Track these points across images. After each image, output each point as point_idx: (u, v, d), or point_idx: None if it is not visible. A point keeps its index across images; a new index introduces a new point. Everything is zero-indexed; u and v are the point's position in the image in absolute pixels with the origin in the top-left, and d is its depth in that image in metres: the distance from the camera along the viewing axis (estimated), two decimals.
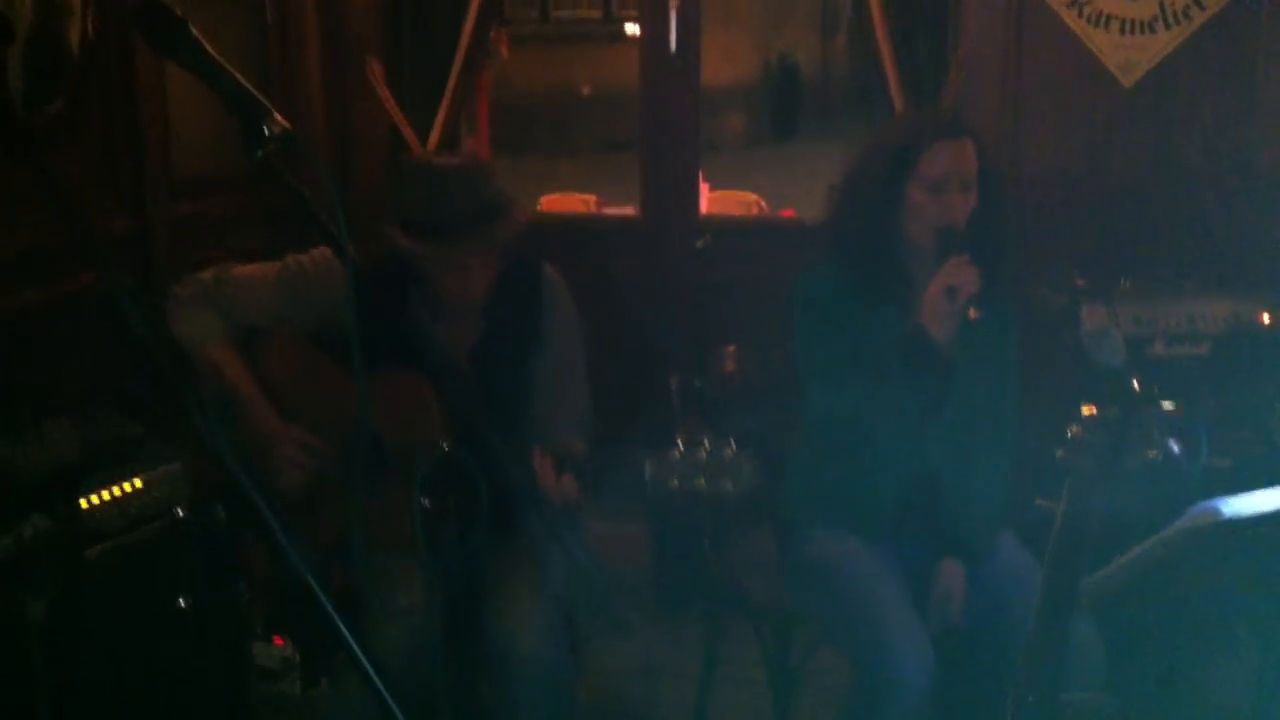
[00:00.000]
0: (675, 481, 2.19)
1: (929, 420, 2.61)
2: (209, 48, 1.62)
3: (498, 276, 2.73)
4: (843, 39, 19.23)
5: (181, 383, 1.39)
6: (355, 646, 1.34)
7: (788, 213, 6.69)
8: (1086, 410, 1.97)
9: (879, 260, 2.65)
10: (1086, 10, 4.04)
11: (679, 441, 2.19)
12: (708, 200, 5.41)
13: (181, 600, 1.51)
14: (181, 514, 1.44)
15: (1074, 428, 1.97)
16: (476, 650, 2.63)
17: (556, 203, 6.35)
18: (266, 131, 1.57)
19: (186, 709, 2.62)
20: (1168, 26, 4.00)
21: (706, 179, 5.04)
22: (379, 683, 1.35)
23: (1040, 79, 4.13)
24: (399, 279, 2.65)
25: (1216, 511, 2.04)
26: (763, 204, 6.41)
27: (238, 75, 1.61)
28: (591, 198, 6.32)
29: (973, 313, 2.48)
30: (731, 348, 3.31)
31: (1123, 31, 4.03)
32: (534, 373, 2.75)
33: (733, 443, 2.17)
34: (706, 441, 2.18)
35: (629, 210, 5.73)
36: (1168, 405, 1.97)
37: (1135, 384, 1.98)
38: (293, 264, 2.74)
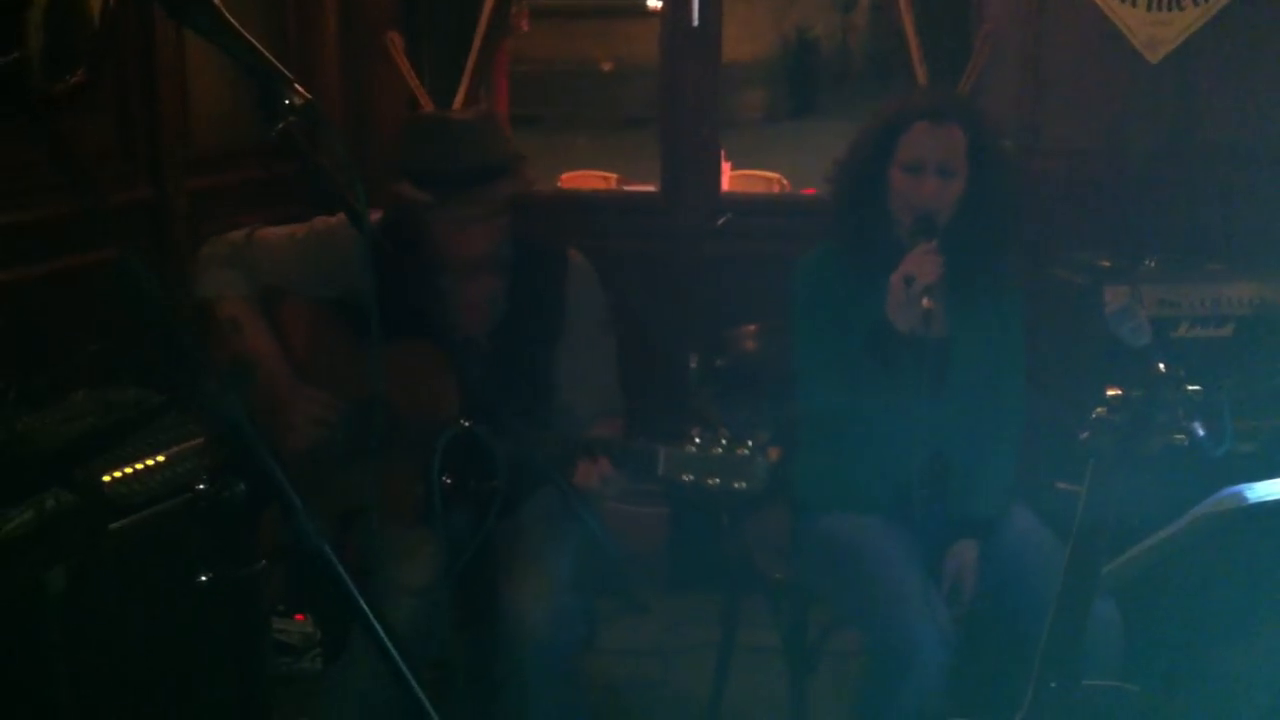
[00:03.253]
0: (688, 476, 2.19)
1: (927, 401, 2.60)
2: (228, 16, 1.60)
3: (520, 259, 2.72)
4: (862, 14, 19.12)
5: (195, 353, 1.38)
6: (373, 619, 1.33)
7: (810, 191, 6.65)
8: (1111, 392, 1.95)
9: (871, 242, 2.65)
10: None
11: (694, 436, 2.19)
12: (729, 179, 5.37)
13: (202, 575, 1.50)
14: (201, 488, 1.43)
15: (1098, 409, 1.95)
16: (489, 627, 2.63)
17: (576, 180, 6.32)
18: (287, 102, 1.56)
19: (204, 684, 2.63)
20: (1195, 3, 3.96)
21: (727, 156, 5.01)
22: (397, 656, 1.35)
23: (1064, 55, 4.09)
24: (408, 235, 2.65)
25: (1241, 496, 2.02)
26: (784, 183, 6.37)
27: (258, 45, 1.60)
28: (612, 175, 6.28)
29: (926, 302, 2.45)
30: (753, 327, 3.29)
31: (1150, 8, 3.98)
32: (558, 358, 2.74)
33: (749, 441, 2.16)
34: (723, 438, 2.17)
35: (649, 187, 5.70)
36: (1193, 388, 1.95)
37: (1161, 366, 1.96)
38: (320, 226, 2.75)
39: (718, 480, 2.17)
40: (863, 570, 2.59)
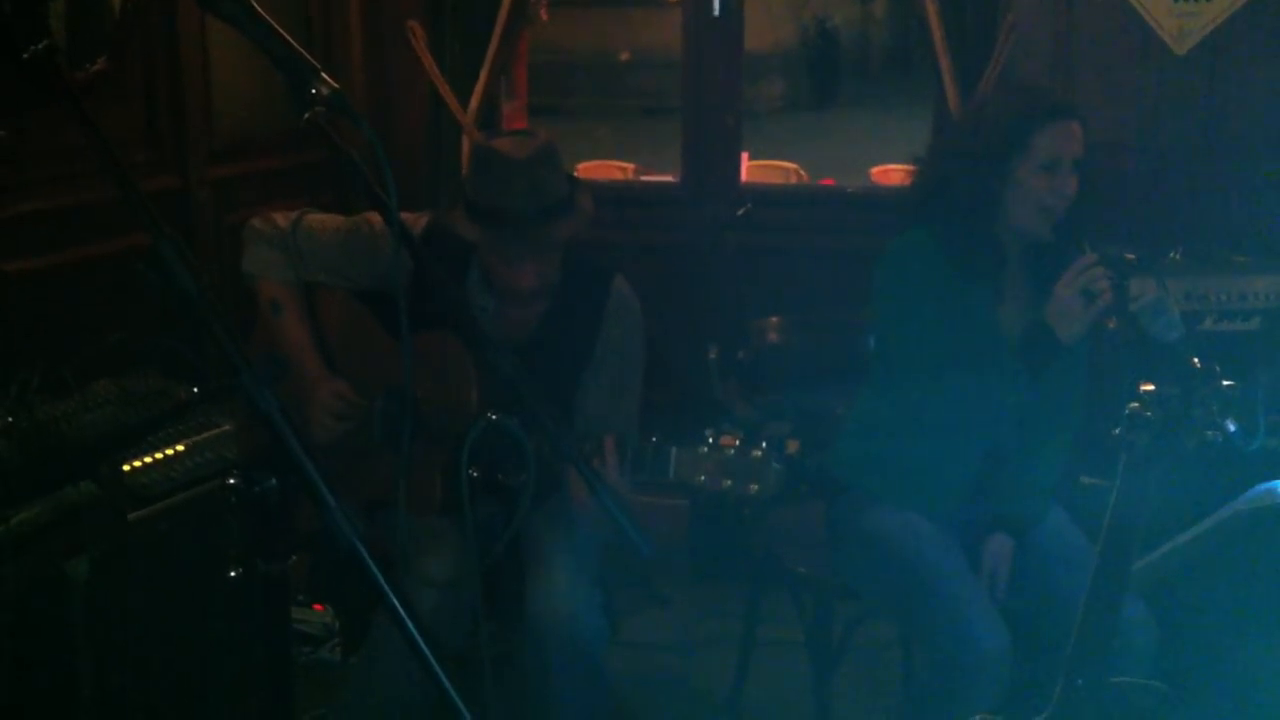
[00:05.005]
0: (700, 478, 2.17)
1: (1011, 398, 2.57)
2: (256, 5, 1.59)
3: (566, 279, 2.69)
4: (881, 4, 19.05)
5: (229, 341, 1.36)
6: (405, 615, 1.32)
7: (827, 181, 6.64)
8: (1146, 387, 1.93)
9: (974, 234, 2.60)
10: None
11: (708, 437, 2.17)
12: (747, 169, 5.36)
13: (232, 572, 1.50)
14: (233, 481, 1.42)
15: (1132, 405, 1.93)
16: (512, 619, 2.63)
17: (594, 170, 6.32)
18: (314, 92, 1.54)
19: (228, 673, 2.64)
20: None
21: (745, 146, 4.99)
22: (427, 651, 1.34)
23: (1090, 45, 4.05)
24: (458, 252, 2.64)
25: (1275, 493, 2.00)
26: (802, 173, 6.36)
27: (285, 34, 1.58)
28: (630, 165, 6.27)
29: (1112, 323, 2.39)
30: (775, 319, 3.27)
31: None
32: (581, 384, 2.72)
33: (763, 444, 2.14)
34: (737, 440, 2.15)
35: (666, 177, 5.68)
36: (1229, 384, 1.93)
37: (1196, 361, 1.94)
38: (363, 225, 2.73)
39: (731, 483, 2.15)
40: (914, 572, 2.55)
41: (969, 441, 2.63)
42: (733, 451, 2.14)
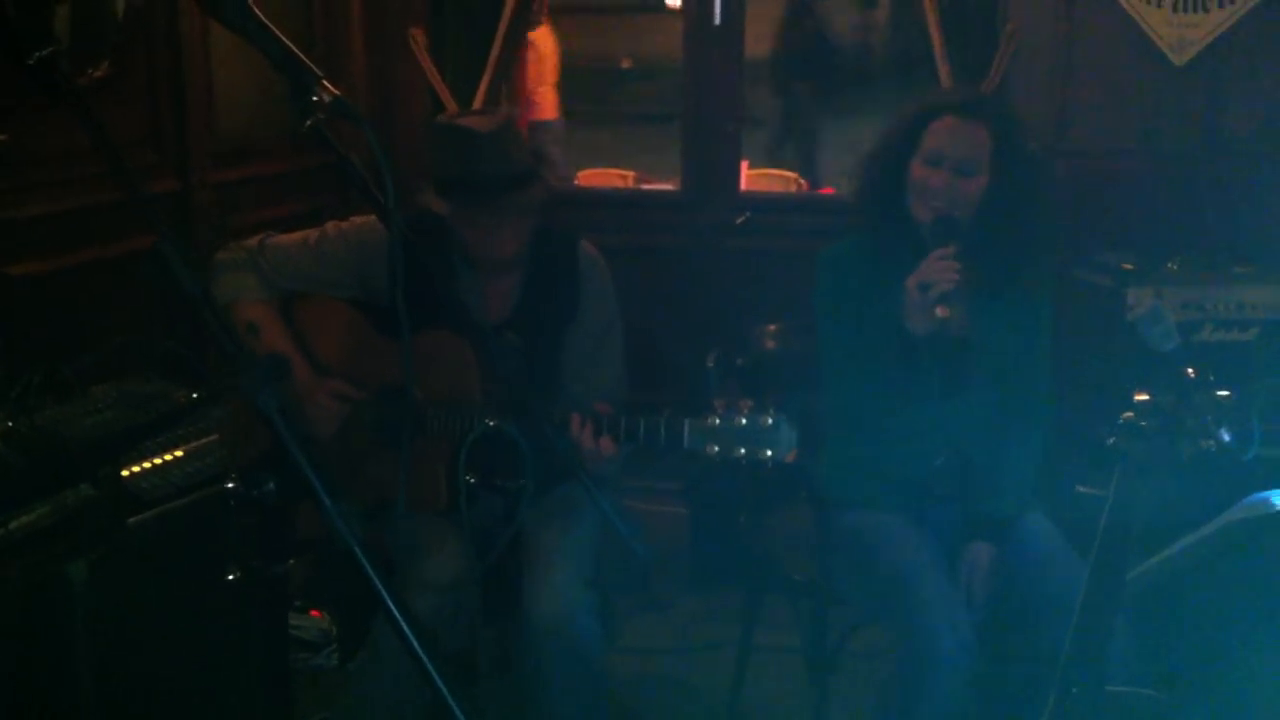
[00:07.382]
0: (714, 448, 2.18)
1: (948, 400, 2.59)
2: (258, 11, 1.60)
3: (535, 250, 2.74)
4: (883, 12, 19.04)
5: (232, 341, 1.37)
6: (402, 619, 1.33)
7: (828, 190, 6.65)
8: (1140, 396, 1.94)
9: (892, 236, 2.63)
10: None
11: (716, 407, 2.18)
12: (747, 178, 5.37)
13: (230, 574, 1.50)
14: (231, 485, 1.42)
15: (1126, 414, 1.94)
16: (510, 621, 2.63)
17: (594, 178, 6.32)
18: (316, 98, 1.56)
19: (227, 678, 2.64)
20: (1221, 4, 3.93)
21: (745, 154, 5.00)
22: (424, 656, 1.34)
23: (1090, 55, 4.07)
24: (432, 235, 2.67)
25: (1268, 503, 2.00)
26: (802, 182, 6.37)
27: (287, 41, 1.59)
28: (630, 173, 6.28)
29: (941, 311, 2.42)
30: (773, 326, 3.28)
31: (1175, 9, 3.96)
32: (566, 347, 2.75)
33: (772, 410, 2.16)
34: (746, 408, 2.17)
35: (665, 185, 5.69)
36: (1223, 393, 1.93)
37: (1190, 371, 1.94)
38: (332, 231, 2.77)
39: (744, 451, 2.18)
40: (885, 572, 2.57)
41: (918, 439, 2.64)
42: (744, 420, 2.16)
